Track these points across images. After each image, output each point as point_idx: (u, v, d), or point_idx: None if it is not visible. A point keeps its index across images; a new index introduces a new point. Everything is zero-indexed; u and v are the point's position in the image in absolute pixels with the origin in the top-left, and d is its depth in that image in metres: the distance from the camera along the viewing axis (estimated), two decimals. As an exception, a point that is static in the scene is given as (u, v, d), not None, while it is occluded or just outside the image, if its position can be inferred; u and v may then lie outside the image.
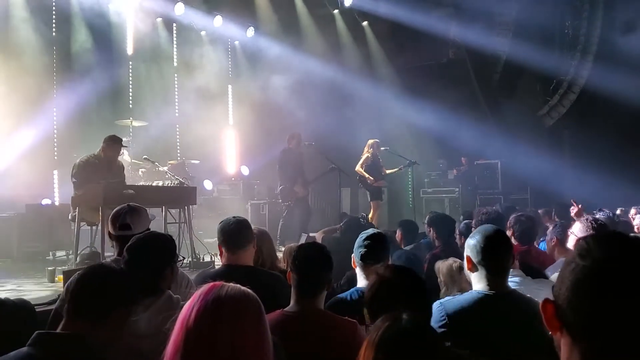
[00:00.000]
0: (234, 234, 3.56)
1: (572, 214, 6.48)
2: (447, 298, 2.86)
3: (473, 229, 4.86)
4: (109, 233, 3.58)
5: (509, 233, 5.01)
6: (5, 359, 1.90)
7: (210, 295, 1.60)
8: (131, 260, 2.84)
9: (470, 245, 2.82)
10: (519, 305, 2.64)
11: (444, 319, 2.59)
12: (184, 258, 6.63)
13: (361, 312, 3.01)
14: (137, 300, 2.39)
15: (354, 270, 3.49)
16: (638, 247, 1.10)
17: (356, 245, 3.38)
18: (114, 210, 3.62)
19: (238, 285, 1.67)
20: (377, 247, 3.34)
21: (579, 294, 1.09)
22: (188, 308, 1.60)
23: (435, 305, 2.72)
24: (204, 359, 1.55)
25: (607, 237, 1.14)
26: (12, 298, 2.82)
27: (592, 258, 1.10)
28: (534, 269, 3.83)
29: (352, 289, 3.30)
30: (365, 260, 3.30)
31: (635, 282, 1.05)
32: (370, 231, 3.46)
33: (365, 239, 3.36)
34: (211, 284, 1.65)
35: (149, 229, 3.57)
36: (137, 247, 2.91)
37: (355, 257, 3.37)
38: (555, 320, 1.13)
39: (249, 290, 1.68)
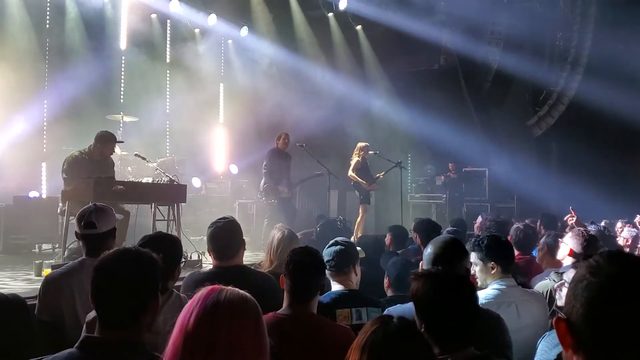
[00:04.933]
0: (224, 246, 3.53)
1: (572, 222, 6.43)
2: (396, 306, 2.92)
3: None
4: (76, 232, 3.53)
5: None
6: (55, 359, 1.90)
7: (210, 300, 1.61)
8: None
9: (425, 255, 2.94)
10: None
11: None
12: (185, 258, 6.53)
13: (333, 314, 3.08)
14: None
15: None
16: None
17: (324, 253, 3.41)
18: (80, 209, 3.57)
19: (237, 290, 1.68)
20: (342, 255, 3.40)
21: (595, 310, 1.11)
22: (187, 312, 1.61)
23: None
24: None
25: (615, 255, 1.17)
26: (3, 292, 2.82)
27: (604, 275, 1.12)
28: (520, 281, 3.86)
29: (326, 293, 3.32)
30: (332, 268, 3.38)
31: None
32: (333, 241, 3.51)
33: (329, 246, 3.45)
34: (210, 287, 1.66)
35: (115, 228, 3.55)
36: (152, 246, 2.89)
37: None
38: (569, 337, 1.14)
39: (247, 294, 1.69)
